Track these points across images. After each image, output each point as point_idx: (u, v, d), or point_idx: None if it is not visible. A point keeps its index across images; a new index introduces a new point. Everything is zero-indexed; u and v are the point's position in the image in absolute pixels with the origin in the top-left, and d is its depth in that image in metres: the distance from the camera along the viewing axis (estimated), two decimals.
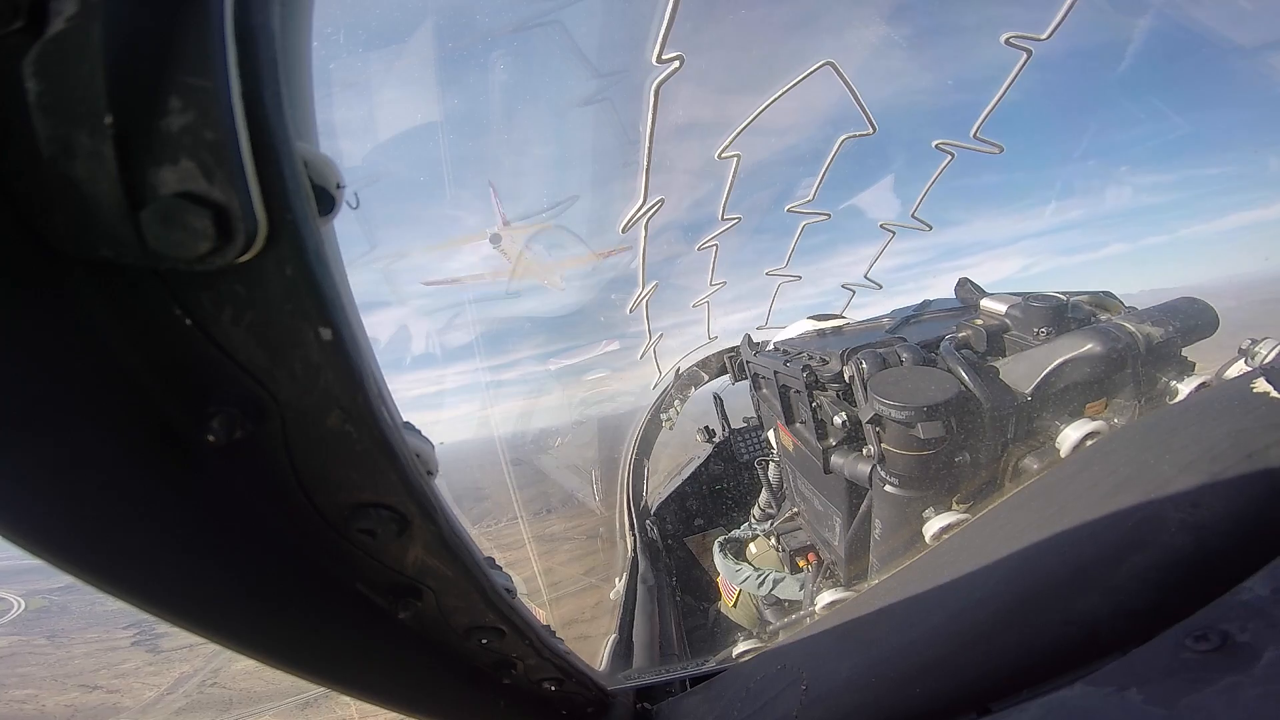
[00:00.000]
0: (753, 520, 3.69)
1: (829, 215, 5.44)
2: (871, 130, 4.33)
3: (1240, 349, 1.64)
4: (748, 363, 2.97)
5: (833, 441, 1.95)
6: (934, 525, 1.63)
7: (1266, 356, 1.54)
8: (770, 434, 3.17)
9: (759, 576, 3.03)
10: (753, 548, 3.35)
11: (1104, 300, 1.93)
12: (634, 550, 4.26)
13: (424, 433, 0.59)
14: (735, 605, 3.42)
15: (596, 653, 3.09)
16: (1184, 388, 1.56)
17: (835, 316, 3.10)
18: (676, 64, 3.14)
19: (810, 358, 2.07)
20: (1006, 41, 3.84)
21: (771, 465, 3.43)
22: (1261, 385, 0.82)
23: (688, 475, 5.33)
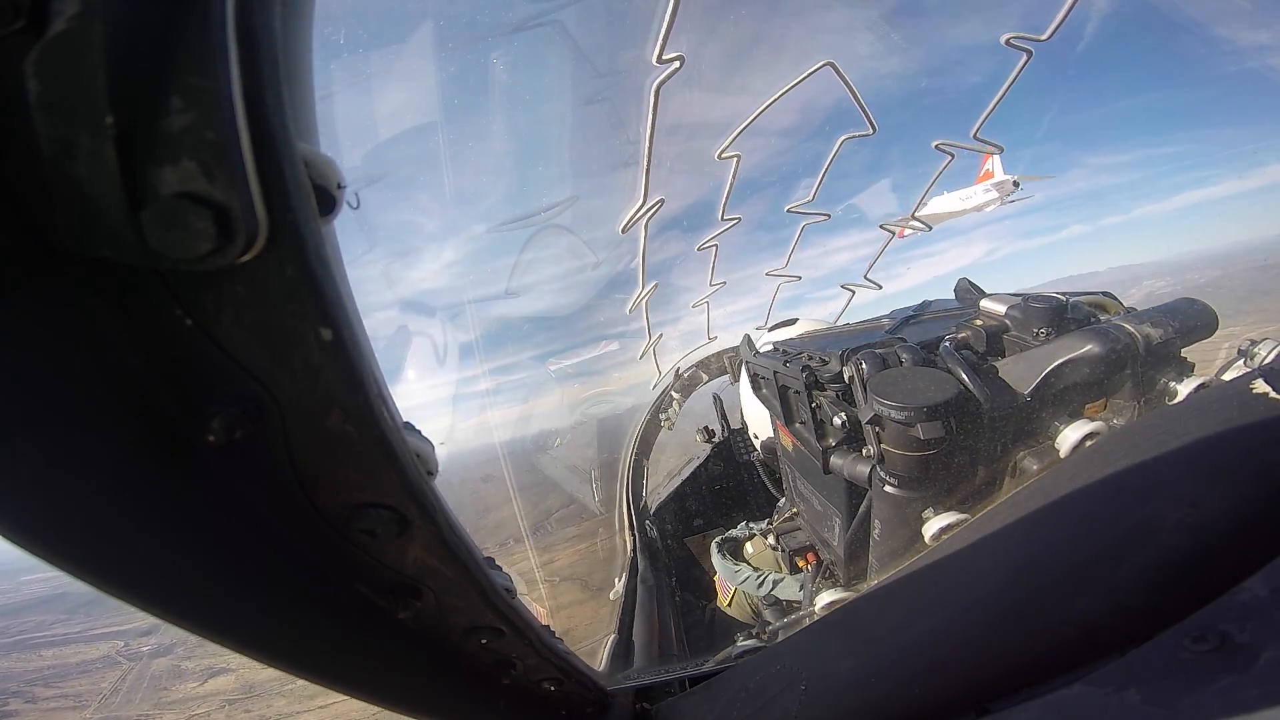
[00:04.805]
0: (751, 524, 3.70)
1: (829, 215, 5.45)
2: (871, 131, 4.33)
3: (1239, 349, 1.64)
4: (747, 363, 2.97)
5: (832, 442, 1.95)
6: (933, 525, 1.63)
7: (1265, 357, 1.55)
8: (752, 432, 3.21)
9: (758, 577, 3.03)
10: (749, 547, 3.35)
11: (1103, 301, 1.93)
12: (633, 550, 4.26)
13: (424, 433, 0.59)
14: (730, 605, 3.42)
15: (596, 653, 3.09)
16: (1183, 389, 1.56)
17: (790, 322, 3.21)
18: (677, 64, 3.13)
19: (810, 358, 2.07)
20: (1007, 42, 3.84)
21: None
22: (1260, 386, 0.82)
23: (687, 475, 5.33)
